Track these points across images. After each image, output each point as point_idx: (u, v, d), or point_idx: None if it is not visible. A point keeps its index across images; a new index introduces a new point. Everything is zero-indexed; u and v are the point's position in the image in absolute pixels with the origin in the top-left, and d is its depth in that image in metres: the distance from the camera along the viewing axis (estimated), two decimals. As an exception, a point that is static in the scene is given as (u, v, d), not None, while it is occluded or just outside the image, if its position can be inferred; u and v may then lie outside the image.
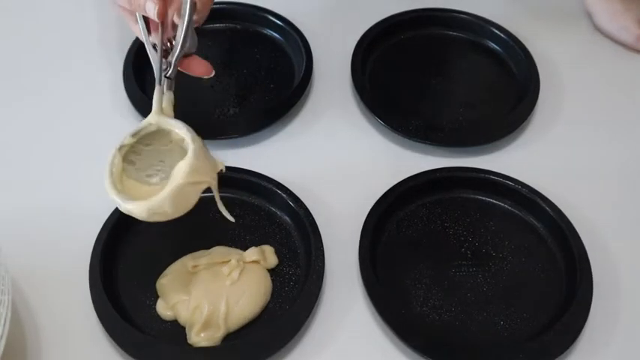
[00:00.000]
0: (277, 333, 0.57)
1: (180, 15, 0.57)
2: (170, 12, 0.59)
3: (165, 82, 0.58)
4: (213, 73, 0.62)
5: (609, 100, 0.77)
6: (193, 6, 0.57)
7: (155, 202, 0.52)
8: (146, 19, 0.60)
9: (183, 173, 0.52)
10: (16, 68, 0.79)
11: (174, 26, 0.58)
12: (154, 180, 0.56)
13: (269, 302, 0.60)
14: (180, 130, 0.55)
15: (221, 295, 0.59)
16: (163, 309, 0.60)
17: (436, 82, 0.78)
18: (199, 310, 0.58)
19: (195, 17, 0.59)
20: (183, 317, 0.59)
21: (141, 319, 0.59)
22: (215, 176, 0.55)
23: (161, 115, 0.56)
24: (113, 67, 0.77)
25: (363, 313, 0.60)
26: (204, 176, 0.54)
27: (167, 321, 0.59)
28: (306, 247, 0.63)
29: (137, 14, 0.60)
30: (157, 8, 0.57)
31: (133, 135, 0.56)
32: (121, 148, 0.55)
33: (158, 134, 0.56)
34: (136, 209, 0.52)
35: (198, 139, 0.54)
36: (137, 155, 0.56)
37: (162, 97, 0.57)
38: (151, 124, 0.56)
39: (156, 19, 0.58)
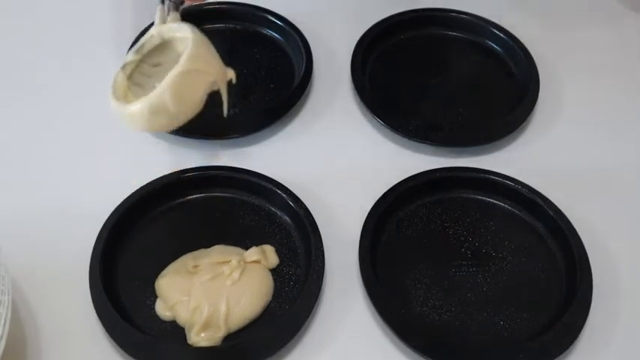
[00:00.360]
0: (277, 333, 0.57)
1: None
2: None
3: (171, 5, 0.54)
4: None
5: (609, 100, 0.77)
6: None
7: (156, 94, 0.48)
8: None
9: (183, 60, 0.48)
10: (16, 68, 0.79)
11: None
12: None
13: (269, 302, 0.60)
14: (181, 31, 0.51)
15: (221, 295, 0.58)
16: (162, 309, 0.59)
17: (436, 82, 0.78)
18: (199, 310, 0.58)
19: None
20: (182, 318, 0.58)
21: (141, 319, 0.59)
22: (223, 75, 0.52)
23: (163, 25, 0.53)
24: (113, 67, 0.77)
25: (363, 313, 0.60)
26: (208, 67, 0.50)
27: (167, 321, 0.59)
28: (306, 247, 0.63)
29: None
30: None
31: (137, 52, 0.52)
32: (124, 66, 0.52)
33: (164, 49, 0.53)
34: (137, 109, 0.48)
35: (199, 32, 0.51)
36: (147, 78, 0.53)
37: (165, 15, 0.54)
38: (152, 36, 0.53)
39: None
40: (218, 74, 0.51)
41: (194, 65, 0.48)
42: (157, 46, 0.53)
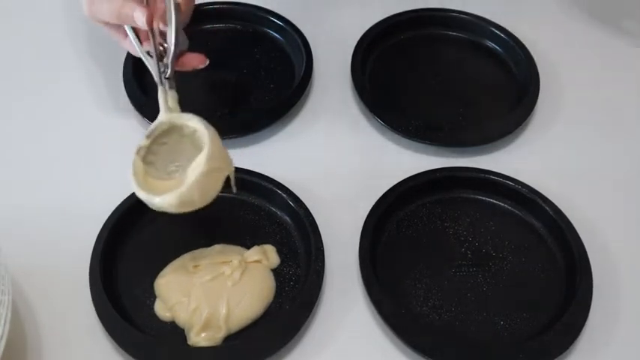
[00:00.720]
0: (277, 333, 0.57)
1: (163, 20, 0.58)
2: (155, 18, 0.59)
3: (166, 83, 0.59)
4: (208, 62, 0.65)
5: (609, 100, 0.77)
6: (177, 7, 0.58)
7: (184, 191, 0.54)
8: (135, 31, 0.62)
9: (205, 160, 0.55)
10: (16, 68, 0.79)
11: (161, 32, 0.59)
12: (175, 176, 0.58)
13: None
14: (192, 122, 0.57)
15: (222, 296, 0.58)
16: (162, 310, 0.59)
17: (436, 82, 0.78)
18: (198, 312, 0.58)
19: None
20: (182, 319, 0.58)
21: (141, 319, 0.59)
22: (231, 166, 0.58)
23: (170, 113, 0.58)
24: (113, 67, 0.77)
25: (363, 313, 0.60)
26: (223, 163, 0.57)
27: (167, 321, 0.59)
28: (306, 247, 0.63)
29: (126, 27, 0.62)
30: (145, 16, 0.58)
31: (148, 136, 0.58)
32: (138, 150, 0.57)
33: (171, 131, 0.58)
34: (166, 201, 0.55)
35: (211, 127, 0.57)
36: (155, 155, 0.58)
37: (166, 97, 0.59)
38: (162, 123, 0.58)
39: (145, 27, 0.58)
40: (230, 167, 0.58)
41: (215, 164, 0.55)
42: (166, 129, 0.59)
